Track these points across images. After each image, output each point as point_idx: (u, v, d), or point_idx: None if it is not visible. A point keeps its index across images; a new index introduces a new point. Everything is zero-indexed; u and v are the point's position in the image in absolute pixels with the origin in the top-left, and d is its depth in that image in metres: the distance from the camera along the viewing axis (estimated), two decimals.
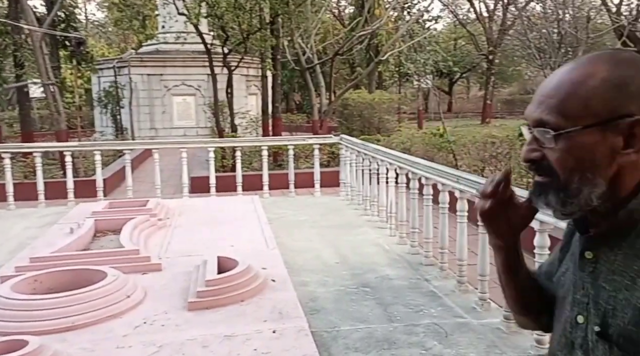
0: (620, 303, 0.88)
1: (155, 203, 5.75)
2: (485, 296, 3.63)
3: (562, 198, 0.90)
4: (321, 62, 17.05)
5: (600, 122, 0.86)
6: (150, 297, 3.35)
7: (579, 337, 0.95)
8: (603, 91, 0.86)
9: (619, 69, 0.88)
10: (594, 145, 0.87)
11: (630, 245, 0.88)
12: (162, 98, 18.63)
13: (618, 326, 0.87)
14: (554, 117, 0.88)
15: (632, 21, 15.96)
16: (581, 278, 0.95)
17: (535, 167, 0.93)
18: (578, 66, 0.91)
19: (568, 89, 0.89)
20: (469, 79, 40.08)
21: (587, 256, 0.94)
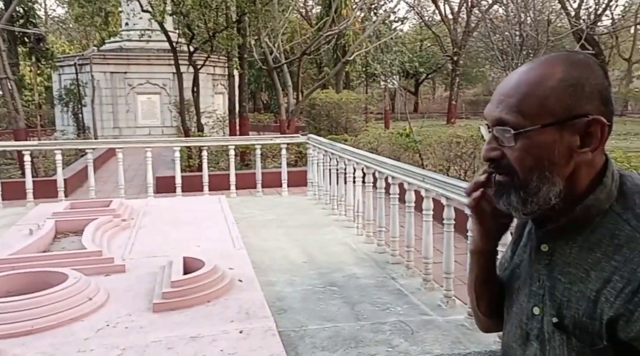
0: (574, 295, 0.90)
1: (118, 204, 5.63)
2: (450, 294, 3.69)
3: (522, 197, 0.92)
4: (288, 61, 17.01)
5: (558, 121, 0.88)
6: (114, 299, 3.28)
7: (535, 328, 0.97)
8: (560, 91, 0.89)
9: (575, 70, 0.90)
10: (552, 144, 0.89)
11: (585, 239, 0.91)
12: (126, 96, 18.25)
13: (573, 317, 0.90)
14: (513, 116, 0.90)
15: (590, 25, 16.49)
16: (537, 271, 0.98)
17: (495, 166, 0.95)
18: (536, 67, 0.93)
19: (526, 89, 0.91)
20: (434, 79, 40.68)
21: (543, 249, 0.97)
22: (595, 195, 0.90)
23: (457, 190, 3.51)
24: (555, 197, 0.91)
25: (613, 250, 0.87)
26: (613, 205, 0.90)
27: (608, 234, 0.89)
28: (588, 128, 0.89)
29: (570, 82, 0.89)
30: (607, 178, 0.91)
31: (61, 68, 18.58)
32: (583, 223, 0.92)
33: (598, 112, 0.89)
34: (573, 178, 0.91)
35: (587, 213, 0.91)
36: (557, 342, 0.93)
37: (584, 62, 0.92)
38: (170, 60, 14.77)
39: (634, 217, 0.88)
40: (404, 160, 9.00)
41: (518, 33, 12.08)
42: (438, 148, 9.85)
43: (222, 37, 12.39)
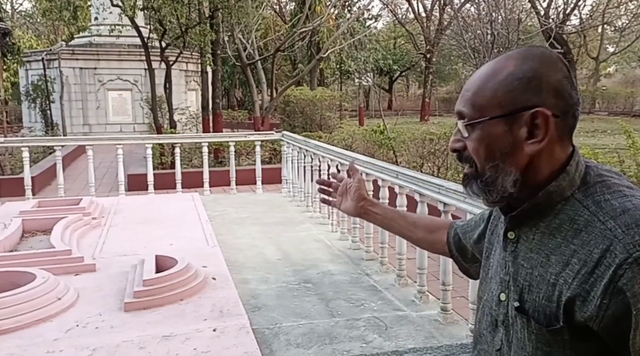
0: (535, 279, 0.93)
1: (88, 202, 5.51)
2: (424, 289, 3.73)
3: (482, 187, 0.96)
4: (262, 58, 16.91)
5: (505, 114, 0.92)
6: (84, 299, 3.22)
7: (501, 314, 1.00)
8: (507, 84, 0.92)
9: (525, 64, 0.93)
10: (502, 135, 0.93)
11: (547, 225, 0.94)
12: (96, 93, 17.89)
13: (534, 301, 0.93)
14: (468, 108, 0.95)
15: (558, 24, 16.83)
16: (504, 258, 1.01)
17: (459, 157, 1.00)
18: (493, 62, 0.97)
19: (480, 83, 0.95)
20: (408, 77, 40.97)
21: (510, 236, 1.00)
22: (558, 182, 0.93)
23: (430, 186, 3.55)
24: (511, 186, 0.94)
25: (572, 234, 0.90)
26: (575, 192, 0.93)
27: (568, 219, 0.91)
28: (534, 120, 0.91)
29: (518, 76, 0.92)
30: (571, 167, 0.94)
31: (28, 63, 18.12)
32: (545, 209, 0.95)
33: (548, 104, 0.91)
34: (531, 168, 0.94)
35: (549, 199, 0.94)
36: (519, 326, 0.95)
37: (537, 56, 0.94)
38: (141, 56, 14.51)
39: (593, 203, 0.90)
40: (378, 157, 9.04)
41: (489, 31, 12.25)
42: (412, 145, 9.93)
43: (194, 33, 12.24)
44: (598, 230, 0.87)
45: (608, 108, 29.69)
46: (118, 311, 3.06)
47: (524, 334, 0.94)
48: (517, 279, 0.97)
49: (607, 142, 12.54)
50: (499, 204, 0.99)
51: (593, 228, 0.88)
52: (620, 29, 30.99)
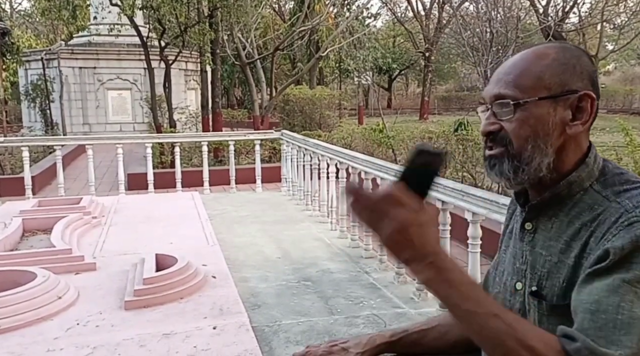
0: (555, 266, 0.96)
1: (89, 201, 5.53)
2: (422, 287, 3.74)
3: (515, 165, 0.98)
4: (262, 57, 16.92)
5: (553, 95, 0.96)
6: (84, 298, 3.23)
7: (518, 302, 1.03)
8: (554, 68, 0.97)
9: (566, 52, 0.99)
10: (547, 116, 0.96)
11: (566, 214, 0.97)
12: (95, 92, 17.90)
13: (553, 286, 0.95)
14: (511, 90, 0.98)
15: (557, 22, 16.83)
16: (521, 249, 1.03)
17: (492, 138, 1.01)
18: (531, 50, 1.02)
19: (523, 67, 0.99)
20: (407, 76, 40.98)
21: (527, 227, 1.03)
22: (578, 173, 0.98)
23: None
24: (545, 168, 0.97)
25: (591, 219, 0.93)
26: (593, 183, 0.97)
27: (587, 207, 0.95)
28: (580, 102, 0.97)
29: (563, 61, 0.98)
30: (590, 159, 0.99)
31: (27, 63, 18.12)
32: (565, 198, 0.98)
33: (587, 89, 0.97)
34: (562, 153, 0.98)
35: (570, 189, 0.98)
36: (532, 310, 0.98)
37: (573, 48, 1.02)
38: (141, 55, 14.52)
39: (612, 194, 0.94)
40: (377, 155, 9.06)
41: (488, 30, 12.26)
42: (411, 143, 9.95)
43: (193, 32, 12.25)
44: (613, 208, 0.91)
45: (607, 106, 29.70)
46: (118, 309, 3.07)
47: (536, 317, 0.97)
48: (535, 267, 0.99)
49: (605, 139, 12.55)
50: (521, 185, 1.02)
51: (610, 209, 0.91)
52: (619, 26, 30.97)
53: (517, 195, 1.08)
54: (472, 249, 3.12)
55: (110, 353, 2.58)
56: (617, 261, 0.85)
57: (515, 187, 1.04)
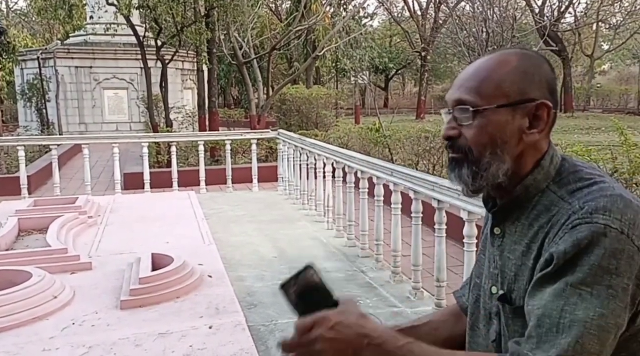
0: (520, 269, 0.98)
1: (84, 201, 5.52)
2: (418, 286, 3.75)
3: (473, 171, 0.99)
4: (258, 56, 16.92)
5: (511, 103, 0.97)
6: (80, 297, 3.23)
7: (494, 306, 1.04)
8: (514, 76, 0.98)
9: (527, 61, 1.00)
10: (505, 124, 0.97)
11: (527, 216, 0.99)
12: (91, 91, 17.86)
13: (520, 289, 0.97)
14: (472, 96, 0.99)
15: (553, 22, 16.88)
16: (492, 253, 1.05)
17: (452, 144, 1.02)
18: (492, 57, 1.02)
19: (484, 74, 1.00)
20: (404, 75, 41.01)
21: (496, 232, 1.05)
22: (533, 176, 0.99)
23: (424, 183, 3.57)
24: (503, 175, 0.98)
25: (547, 220, 0.95)
26: (550, 184, 0.99)
27: (544, 209, 0.97)
28: (536, 111, 0.98)
29: (523, 69, 0.99)
30: (545, 161, 1.00)
31: (23, 62, 18.06)
32: (524, 202, 1.00)
33: (545, 99, 0.98)
34: (520, 160, 0.99)
35: (527, 192, 0.99)
36: (509, 314, 0.99)
37: (534, 56, 1.02)
38: (137, 55, 14.50)
39: (566, 193, 0.95)
40: (373, 154, 9.06)
41: (484, 29, 12.29)
42: (407, 143, 9.95)
43: (190, 32, 12.22)
44: (564, 209, 0.92)
45: (602, 106, 29.79)
46: (114, 309, 3.07)
47: (507, 321, 0.98)
48: (505, 271, 1.01)
49: (601, 139, 12.59)
50: (478, 193, 1.04)
51: (562, 210, 0.93)
52: (614, 26, 31.07)
53: (486, 201, 1.09)
54: (467, 248, 3.13)
55: (106, 352, 2.58)
56: (562, 265, 0.87)
57: (473, 194, 1.04)
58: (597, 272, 0.85)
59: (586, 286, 0.85)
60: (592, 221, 0.87)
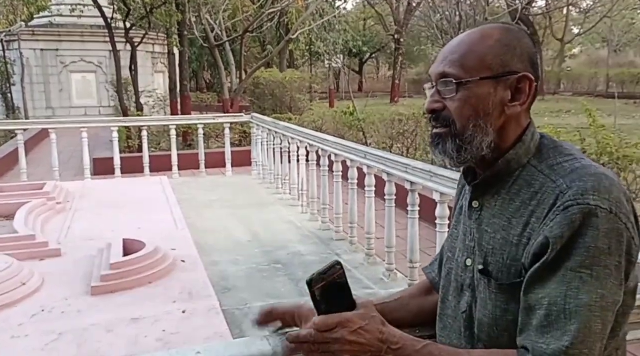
0: (498, 242, 0.99)
1: (52, 186, 5.39)
2: (392, 267, 3.79)
3: (457, 144, 1.01)
4: (230, 39, 16.66)
5: (494, 76, 0.99)
6: (49, 284, 3.16)
7: (467, 278, 1.06)
8: (496, 49, 1.00)
9: (509, 34, 1.02)
10: (487, 96, 0.99)
11: (507, 191, 1.01)
12: (58, 75, 17.39)
13: (497, 262, 0.98)
14: (455, 69, 1.00)
15: (525, 5, 17.03)
16: (469, 226, 1.06)
17: (435, 117, 1.03)
18: (475, 30, 1.04)
19: (467, 47, 1.01)
20: (378, 58, 41.00)
21: (474, 205, 1.06)
22: (515, 150, 1.01)
23: (397, 165, 3.59)
24: (486, 147, 1.00)
25: (529, 196, 0.96)
26: (530, 159, 1.00)
27: (525, 184, 0.98)
28: (519, 83, 1.00)
29: (505, 42, 1.01)
30: (526, 136, 1.02)
31: None
32: (504, 175, 1.02)
33: (527, 71, 1.00)
34: (502, 132, 1.01)
35: (508, 166, 1.01)
36: (482, 286, 1.01)
37: (516, 30, 1.04)
38: (105, 37, 14.11)
39: (547, 167, 0.97)
40: (348, 138, 9.06)
41: (457, 12, 12.34)
42: (381, 126, 9.98)
43: (159, 13, 11.96)
44: (550, 188, 0.93)
45: (572, 89, 30.36)
46: (85, 295, 3.02)
47: (486, 294, 1.00)
48: (482, 244, 1.02)
49: (570, 121, 12.85)
50: (464, 164, 1.06)
51: (546, 187, 0.94)
52: (584, 10, 31.56)
53: (465, 173, 1.11)
54: (439, 229, 3.16)
55: (77, 338, 2.54)
56: (560, 250, 0.88)
57: (458, 166, 1.07)
58: (594, 254, 0.87)
59: (585, 268, 0.87)
60: (583, 202, 0.88)
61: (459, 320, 1.07)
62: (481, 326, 1.01)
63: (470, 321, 1.04)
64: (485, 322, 1.00)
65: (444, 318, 1.12)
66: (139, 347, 2.49)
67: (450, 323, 1.09)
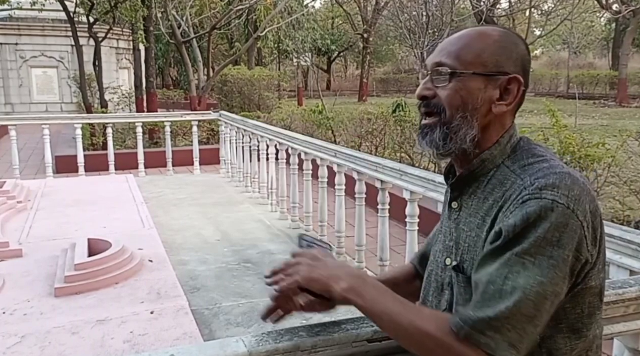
0: (473, 240, 1.01)
1: (12, 185, 5.22)
2: (362, 266, 3.80)
3: (444, 132, 1.04)
4: (198, 36, 16.45)
5: (487, 73, 1.02)
6: (10, 285, 3.06)
7: (447, 277, 1.07)
8: (493, 49, 1.03)
9: (507, 38, 1.06)
10: (477, 91, 1.02)
11: (482, 190, 1.03)
12: (18, 70, 16.83)
13: (472, 259, 1.00)
14: (451, 60, 1.04)
15: (489, 7, 17.35)
16: (449, 226, 1.09)
17: (426, 104, 1.06)
18: (476, 29, 1.08)
19: (466, 42, 1.05)
20: (346, 57, 41.10)
21: (453, 206, 1.08)
22: (491, 151, 1.04)
23: (367, 164, 3.60)
24: (470, 140, 1.03)
25: (501, 195, 0.99)
26: (505, 160, 1.03)
27: (498, 183, 1.01)
28: (508, 84, 1.03)
29: (503, 44, 1.04)
30: (503, 138, 1.05)
31: None
32: (479, 176, 1.04)
33: (518, 74, 1.03)
34: (486, 130, 1.04)
35: (483, 166, 1.04)
36: (461, 284, 1.03)
37: (513, 35, 1.08)
38: (67, 32, 13.73)
39: (519, 167, 1.00)
40: (317, 136, 9.07)
41: (424, 13, 12.47)
42: (350, 125, 10.02)
43: (125, 8, 11.71)
44: (516, 185, 0.96)
45: (535, 90, 31.07)
46: (48, 296, 2.93)
47: (460, 290, 1.02)
48: (459, 242, 1.04)
49: (533, 121, 13.16)
50: (447, 157, 1.08)
51: (513, 183, 0.97)
52: (546, 12, 32.35)
53: (446, 175, 1.14)
54: (409, 227, 3.19)
55: (40, 341, 2.46)
56: (511, 238, 0.91)
57: (443, 157, 1.09)
58: (540, 243, 0.89)
59: (529, 256, 0.89)
60: (541, 197, 0.90)
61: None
62: None
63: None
64: None
65: None
66: (106, 350, 2.43)
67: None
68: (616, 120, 16.22)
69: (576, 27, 29.88)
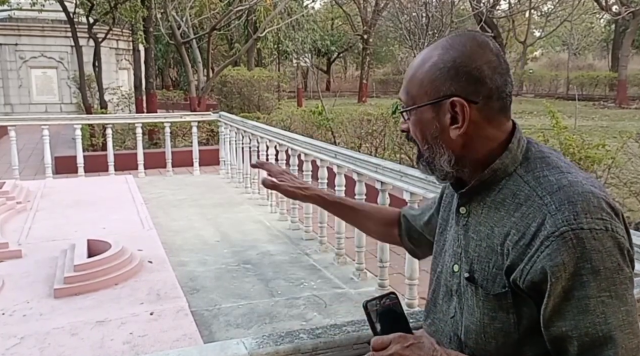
0: (484, 250, 1.00)
1: (12, 185, 5.22)
2: (362, 267, 3.80)
3: (425, 165, 1.05)
4: (198, 36, 16.44)
5: (430, 102, 1.00)
6: (9, 286, 3.06)
7: (455, 284, 1.07)
8: (431, 74, 0.99)
9: (447, 54, 0.99)
10: (431, 121, 1.01)
11: (493, 199, 1.01)
12: (17, 70, 16.81)
13: (483, 270, 0.99)
14: (404, 96, 1.05)
15: (489, 8, 17.38)
16: (457, 232, 1.08)
17: (407, 136, 1.09)
18: (424, 53, 1.05)
19: (412, 73, 1.04)
20: (346, 58, 41.10)
21: (462, 211, 1.07)
22: (502, 160, 1.00)
23: (367, 165, 3.60)
24: (447, 165, 1.02)
25: (514, 208, 0.96)
26: (517, 168, 1.00)
27: (511, 194, 0.98)
28: (453, 108, 0.98)
29: (439, 66, 0.99)
30: (513, 145, 1.01)
31: None
32: (491, 184, 1.02)
33: (467, 91, 0.97)
34: (467, 149, 1.01)
35: (494, 176, 1.01)
36: (469, 294, 1.02)
37: (461, 46, 0.99)
38: (67, 32, 13.72)
39: (533, 179, 0.97)
40: (316, 137, 9.06)
41: (424, 14, 12.49)
42: (350, 126, 10.01)
43: (124, 9, 11.70)
44: (536, 204, 0.93)
45: (534, 91, 31.09)
46: (47, 297, 2.93)
47: (473, 301, 1.00)
48: (468, 251, 1.03)
49: (533, 122, 13.16)
50: (445, 181, 1.08)
51: (532, 202, 0.94)
52: (546, 14, 32.39)
53: (454, 184, 1.11)
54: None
55: (40, 342, 2.46)
56: (569, 279, 0.87)
57: (441, 181, 1.10)
58: (606, 275, 0.87)
59: (604, 291, 0.87)
60: (577, 227, 0.87)
61: (449, 325, 1.08)
62: (468, 333, 1.01)
63: (458, 327, 1.05)
64: (473, 329, 1.00)
65: (436, 322, 1.12)
66: (105, 351, 2.43)
67: (442, 327, 1.10)
68: (616, 122, 16.22)
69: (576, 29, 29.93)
